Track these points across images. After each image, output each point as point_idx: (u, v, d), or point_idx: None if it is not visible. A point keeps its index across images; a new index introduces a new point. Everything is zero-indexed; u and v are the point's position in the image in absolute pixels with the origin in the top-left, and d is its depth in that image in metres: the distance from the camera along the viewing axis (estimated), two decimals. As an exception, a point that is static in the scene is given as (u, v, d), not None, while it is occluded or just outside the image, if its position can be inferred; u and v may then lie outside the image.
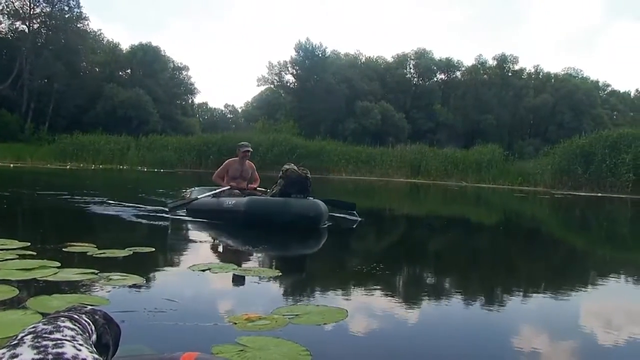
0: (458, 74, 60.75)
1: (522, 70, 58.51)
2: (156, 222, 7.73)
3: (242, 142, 8.79)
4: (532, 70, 59.73)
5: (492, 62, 57.94)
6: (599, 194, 22.06)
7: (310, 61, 54.80)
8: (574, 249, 8.36)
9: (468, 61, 61.68)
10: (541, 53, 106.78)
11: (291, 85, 58.30)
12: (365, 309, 3.53)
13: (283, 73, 58.34)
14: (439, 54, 63.11)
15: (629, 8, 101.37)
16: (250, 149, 8.63)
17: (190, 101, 63.92)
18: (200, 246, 6.41)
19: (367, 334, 3.02)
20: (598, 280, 5.33)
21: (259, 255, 5.98)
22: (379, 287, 4.37)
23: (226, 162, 8.73)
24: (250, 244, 6.57)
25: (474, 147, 34.29)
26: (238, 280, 4.18)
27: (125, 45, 55.68)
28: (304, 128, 45.63)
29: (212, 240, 6.90)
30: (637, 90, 66.67)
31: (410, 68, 61.87)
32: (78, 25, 48.77)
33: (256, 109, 62.37)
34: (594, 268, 6.28)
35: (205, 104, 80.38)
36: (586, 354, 2.88)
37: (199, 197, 8.26)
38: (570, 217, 14.72)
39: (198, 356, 1.34)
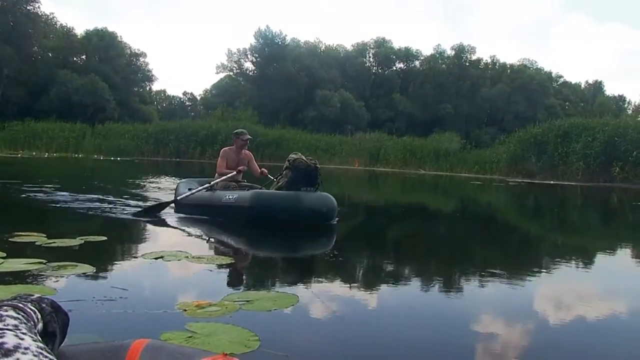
0: (417, 63, 61.21)
1: (479, 60, 59.35)
2: (110, 212, 7.38)
3: (240, 130, 7.93)
4: (489, 60, 60.73)
5: (450, 52, 58.64)
6: (552, 182, 22.58)
7: (270, 49, 54.49)
8: (527, 235, 8.56)
9: (427, 51, 62.18)
10: (497, 44, 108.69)
11: (250, 73, 57.86)
12: (317, 294, 3.54)
13: (242, 61, 57.89)
14: (398, 43, 63.39)
15: (581, 3, 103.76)
16: (249, 137, 7.93)
17: (148, 88, 62.83)
18: (156, 234, 6.25)
19: (317, 319, 3.04)
20: (550, 264, 5.47)
21: (214, 242, 5.92)
22: (332, 273, 4.41)
23: (223, 150, 7.81)
24: (207, 232, 6.48)
25: (432, 135, 34.68)
26: (190, 267, 4.12)
27: (79, 30, 54.23)
28: (263, 116, 45.41)
29: (168, 229, 6.52)
30: (587, 82, 68.38)
31: (370, 57, 62.07)
32: (28, 8, 46.95)
33: (215, 96, 61.60)
34: (547, 253, 6.47)
35: (164, 91, 79.09)
36: (540, 334, 2.95)
37: (186, 191, 7.46)
38: (524, 204, 15.04)
39: (148, 343, 1.31)
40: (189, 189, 7.53)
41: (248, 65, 57.88)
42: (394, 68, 61.77)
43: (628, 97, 69.20)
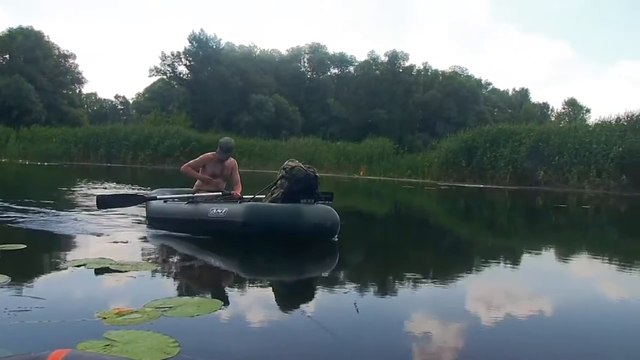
0: (351, 68, 61.93)
1: (412, 67, 60.50)
2: (33, 220, 6.90)
3: (226, 146, 6.84)
4: (422, 67, 61.97)
5: (384, 59, 59.54)
6: (481, 185, 23.19)
7: (204, 52, 53.94)
8: (459, 237, 8.74)
9: (361, 57, 62.95)
10: (430, 51, 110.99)
11: (184, 77, 57.07)
12: (241, 299, 3.50)
13: (176, 64, 56.98)
14: (332, 48, 64.12)
15: (509, 14, 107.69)
16: (230, 153, 6.92)
17: (77, 91, 61.11)
18: (79, 242, 5.89)
19: (240, 323, 3.01)
20: (481, 265, 5.60)
21: (141, 247, 5.68)
22: (257, 278, 4.36)
23: (204, 154, 7.08)
24: (136, 237, 6.17)
25: (365, 140, 35.02)
26: (112, 275, 3.99)
27: (1, 28, 52.24)
28: (197, 120, 44.90)
29: (95, 234, 6.10)
30: (514, 89, 71.00)
31: (305, 62, 62.34)
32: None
33: (148, 100, 60.43)
34: (478, 254, 6.62)
35: (95, 94, 77.04)
36: (472, 333, 2.99)
37: (159, 196, 6.70)
38: (455, 207, 15.38)
39: (68, 353, 1.26)
40: (164, 201, 6.73)
41: (182, 68, 57.12)
42: (329, 73, 62.26)
43: (551, 104, 72.22)
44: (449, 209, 14.82)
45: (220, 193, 6.66)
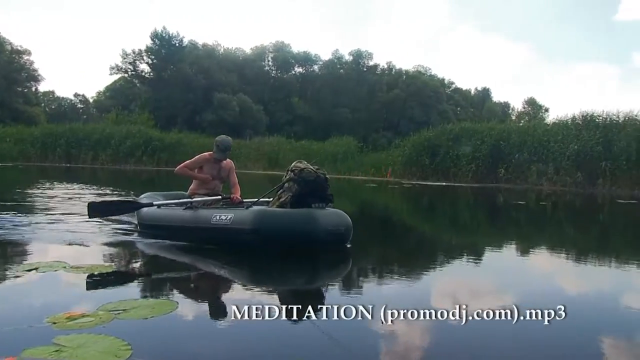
0: (315, 67, 61.89)
1: (376, 66, 60.78)
2: None
3: (223, 145, 6.45)
4: (386, 66, 62.30)
5: (348, 58, 59.70)
6: (444, 183, 23.47)
7: (166, 50, 53.28)
8: (423, 234, 8.85)
9: (325, 56, 63.00)
10: (394, 51, 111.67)
11: (146, 75, 56.27)
12: (196, 300, 3.49)
13: (138, 62, 56.05)
14: (297, 47, 63.91)
15: (471, 15, 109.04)
16: (228, 152, 6.53)
17: (33, 89, 59.47)
18: (32, 245, 5.65)
19: (194, 324, 3.00)
20: (445, 261, 5.70)
21: (100, 251, 5.47)
22: (211, 279, 4.34)
23: (200, 155, 6.64)
24: (96, 240, 5.89)
25: (330, 139, 35.09)
26: (66, 278, 3.91)
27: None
28: (160, 120, 44.33)
29: (53, 239, 5.82)
30: (476, 88, 71.88)
31: (269, 60, 62.07)
32: None
33: (109, 99, 59.41)
34: (441, 250, 6.73)
35: (52, 92, 75.16)
36: (437, 330, 3.03)
37: (155, 202, 6.22)
38: (418, 205, 15.56)
39: None
40: (157, 206, 6.25)
41: (144, 67, 56.27)
42: (293, 72, 62.12)
43: (512, 103, 73.47)
44: (412, 207, 14.97)
45: (220, 197, 6.31)
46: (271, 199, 5.75)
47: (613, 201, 16.13)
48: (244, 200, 6.17)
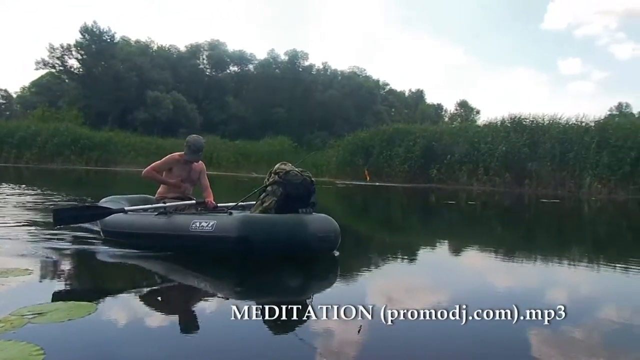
0: (251, 67, 61.59)
1: (311, 66, 60.99)
2: None
3: (195, 146, 5.96)
4: (321, 67, 62.59)
5: (284, 57, 59.69)
6: (377, 183, 23.81)
7: (97, 46, 51.70)
8: (357, 234, 8.91)
9: (261, 55, 62.81)
10: (329, 51, 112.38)
11: (76, 71, 54.43)
12: (115, 302, 3.40)
13: (66, 57, 53.98)
14: (232, 46, 63.42)
15: (405, 18, 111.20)
16: (200, 153, 6.03)
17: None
18: None
19: (111, 327, 2.90)
20: (379, 260, 5.75)
21: (19, 254, 4.95)
22: (130, 280, 4.22)
23: (169, 156, 6.14)
24: (15, 243, 5.46)
25: (265, 139, 35.05)
26: None
27: None
28: (90, 117, 43.16)
29: None
30: (410, 90, 73.15)
31: (204, 59, 61.35)
32: None
33: (35, 95, 57.20)
34: (375, 250, 6.79)
35: (-29, 87, 71.83)
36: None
37: (127, 208, 5.66)
38: (352, 204, 15.71)
39: None
40: (123, 210, 5.64)
41: (73, 62, 54.25)
42: (228, 71, 61.60)
43: (445, 105, 75.11)
44: (346, 206, 15.10)
45: (194, 202, 5.86)
46: (252, 202, 5.34)
47: (538, 201, 16.75)
48: (218, 204, 5.79)
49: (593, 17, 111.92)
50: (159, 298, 3.86)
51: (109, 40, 52.32)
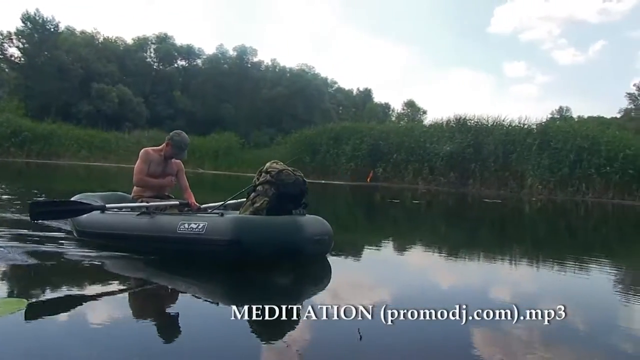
0: (199, 61, 60.91)
1: (260, 62, 60.76)
2: None
3: (181, 141, 5.63)
4: (270, 63, 62.39)
5: (232, 53, 59.29)
6: (323, 181, 23.91)
7: (40, 35, 50.11)
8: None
9: (209, 50, 62.11)
10: (278, 48, 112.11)
11: (17, 60, 52.69)
12: (45, 297, 3.33)
13: (7, 45, 52.19)
14: (180, 40, 62.50)
15: (355, 16, 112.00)
16: (185, 149, 5.70)
17: None
18: None
19: (41, 322, 2.86)
20: (330, 260, 5.80)
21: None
22: (61, 277, 4.13)
23: (144, 151, 5.70)
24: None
25: (212, 134, 34.74)
26: None
27: None
28: (31, 109, 41.77)
29: None
30: (358, 89, 73.69)
31: (151, 52, 60.33)
32: None
33: (-29, 84, 55.21)
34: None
35: None
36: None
37: (108, 206, 5.30)
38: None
39: None
40: (104, 207, 5.29)
41: (13, 51, 52.50)
42: (176, 65, 60.78)
43: (392, 105, 75.94)
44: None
45: (178, 202, 5.50)
46: (234, 202, 5.25)
47: (481, 200, 17.16)
48: (201, 206, 5.54)
49: (537, 22, 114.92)
50: (148, 298, 3.78)
51: (52, 29, 50.73)
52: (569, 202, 17.81)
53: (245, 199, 4.96)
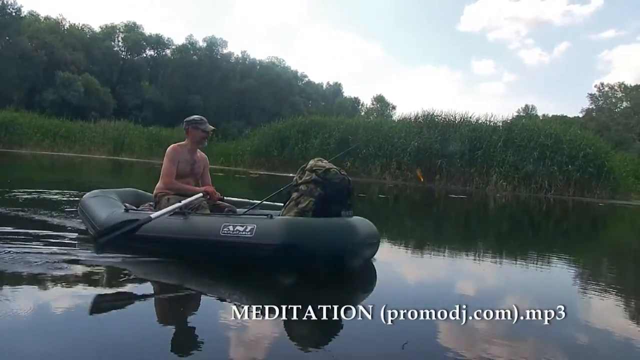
0: (168, 52, 60.34)
1: (230, 54, 60.45)
2: None
3: (198, 117, 5.25)
4: (240, 55, 62.10)
5: (202, 44, 58.84)
6: (291, 175, 23.81)
7: (1, 20, 48.99)
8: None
9: (178, 40, 61.59)
10: (248, 40, 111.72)
11: (-22, 46, 51.49)
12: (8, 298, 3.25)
13: (-34, 30, 51.04)
14: (149, 29, 61.78)
15: (326, 11, 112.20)
16: (211, 127, 5.27)
17: None
18: None
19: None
20: None
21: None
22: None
23: (171, 149, 5.13)
24: None
25: (180, 126, 34.43)
26: None
27: None
28: (-8, 96, 40.88)
29: None
30: (328, 83, 73.89)
31: (119, 41, 59.58)
32: None
33: None
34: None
35: None
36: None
37: (120, 214, 4.70)
38: (260, 195, 15.67)
39: None
40: (125, 207, 4.87)
41: (-26, 36, 51.31)
42: (144, 55, 60.10)
43: (362, 99, 76.32)
44: (260, 198, 15.06)
45: (201, 195, 4.89)
46: (257, 202, 4.92)
47: (447, 196, 17.31)
48: (223, 200, 5.17)
49: (505, 22, 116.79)
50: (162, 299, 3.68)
51: (14, 13, 49.42)
52: (533, 199, 18.09)
53: (285, 200, 4.56)
